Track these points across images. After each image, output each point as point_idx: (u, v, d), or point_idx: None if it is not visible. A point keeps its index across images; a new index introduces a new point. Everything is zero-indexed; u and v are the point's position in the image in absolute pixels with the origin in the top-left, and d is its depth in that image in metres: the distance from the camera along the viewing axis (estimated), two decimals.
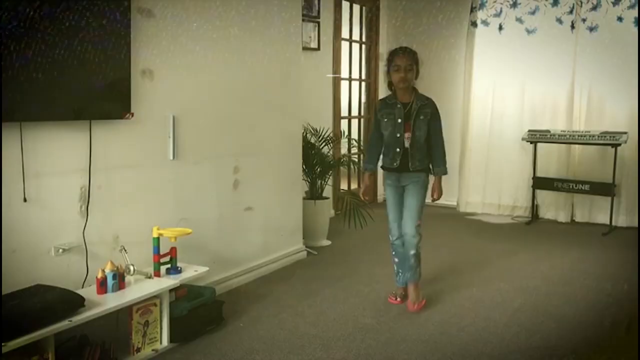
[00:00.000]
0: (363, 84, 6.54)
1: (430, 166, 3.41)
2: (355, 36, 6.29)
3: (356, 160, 5.42)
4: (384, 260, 4.25)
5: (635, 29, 5.25)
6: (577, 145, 5.65)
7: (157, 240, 2.94)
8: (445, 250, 4.73)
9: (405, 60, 3.26)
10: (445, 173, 3.41)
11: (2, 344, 2.11)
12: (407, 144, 3.30)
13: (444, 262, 4.39)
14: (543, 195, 5.87)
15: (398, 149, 3.31)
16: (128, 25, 2.86)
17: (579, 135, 5.48)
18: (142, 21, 3.03)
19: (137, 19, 2.97)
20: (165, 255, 2.98)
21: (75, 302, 2.44)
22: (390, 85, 3.39)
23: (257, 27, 3.85)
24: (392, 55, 3.33)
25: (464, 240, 5.11)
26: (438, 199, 3.45)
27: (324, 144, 4.98)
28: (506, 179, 6.07)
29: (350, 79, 6.28)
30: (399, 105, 3.30)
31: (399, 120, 3.29)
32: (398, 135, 3.29)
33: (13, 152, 2.51)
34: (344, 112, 6.21)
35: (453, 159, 6.22)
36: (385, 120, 3.32)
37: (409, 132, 3.29)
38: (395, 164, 3.33)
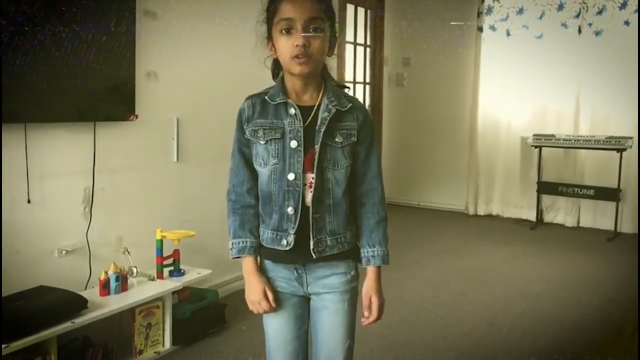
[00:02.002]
0: (367, 87, 6.54)
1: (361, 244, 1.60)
2: (360, 39, 6.29)
3: None
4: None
5: None
6: (582, 150, 5.63)
7: (161, 242, 2.94)
8: (448, 254, 4.72)
9: (306, 10, 1.45)
10: (387, 261, 1.59)
11: (6, 345, 2.11)
12: (309, 198, 1.52)
13: (447, 266, 4.37)
14: (548, 200, 5.85)
15: (291, 208, 1.52)
16: (133, 27, 2.87)
17: (584, 140, 5.45)
18: (147, 23, 3.04)
19: (142, 21, 2.97)
20: (168, 257, 2.98)
21: (78, 304, 2.44)
22: (274, 69, 1.60)
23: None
24: None
25: (468, 244, 5.09)
26: (376, 319, 1.60)
27: None
28: (511, 183, 6.05)
29: (354, 82, 6.28)
30: (293, 110, 1.51)
31: (294, 144, 1.50)
32: (292, 176, 1.51)
33: (17, 153, 2.51)
34: None
35: (462, 163, 6.31)
36: (263, 142, 1.52)
37: (311, 170, 1.51)
38: (285, 241, 1.54)
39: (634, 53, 5.26)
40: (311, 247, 1.53)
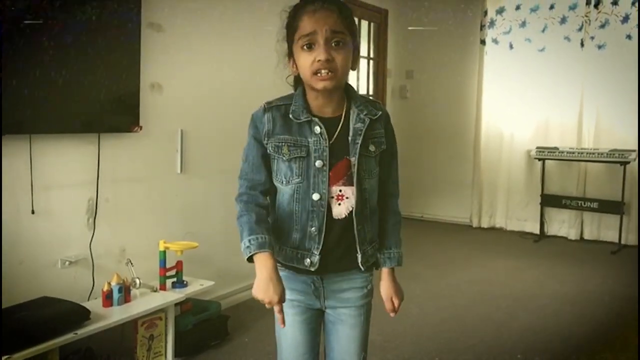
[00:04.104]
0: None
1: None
2: (363, 52, 6.33)
3: None
4: None
5: None
6: (585, 163, 5.63)
7: (164, 253, 2.94)
8: (452, 267, 4.70)
9: (328, 24, 1.40)
10: (401, 263, 1.63)
11: (8, 355, 2.10)
12: (339, 211, 1.49)
13: (451, 279, 4.36)
14: (551, 213, 5.84)
15: (315, 228, 1.48)
16: (138, 39, 2.89)
17: (587, 153, 5.45)
18: (152, 36, 3.06)
19: (147, 34, 3.00)
20: (171, 268, 2.97)
21: (80, 315, 2.43)
22: (297, 81, 1.57)
23: (267, 43, 3.87)
24: (297, 13, 1.46)
25: (471, 257, 5.07)
26: (397, 309, 1.65)
27: None
28: (514, 195, 6.05)
29: None
30: (318, 129, 1.46)
31: (319, 164, 1.46)
32: (317, 197, 1.46)
33: (22, 164, 2.52)
34: None
35: (465, 175, 6.31)
36: (286, 159, 1.47)
37: (341, 183, 1.48)
38: (309, 261, 1.50)
39: (636, 66, 5.27)
40: (359, 260, 1.53)
